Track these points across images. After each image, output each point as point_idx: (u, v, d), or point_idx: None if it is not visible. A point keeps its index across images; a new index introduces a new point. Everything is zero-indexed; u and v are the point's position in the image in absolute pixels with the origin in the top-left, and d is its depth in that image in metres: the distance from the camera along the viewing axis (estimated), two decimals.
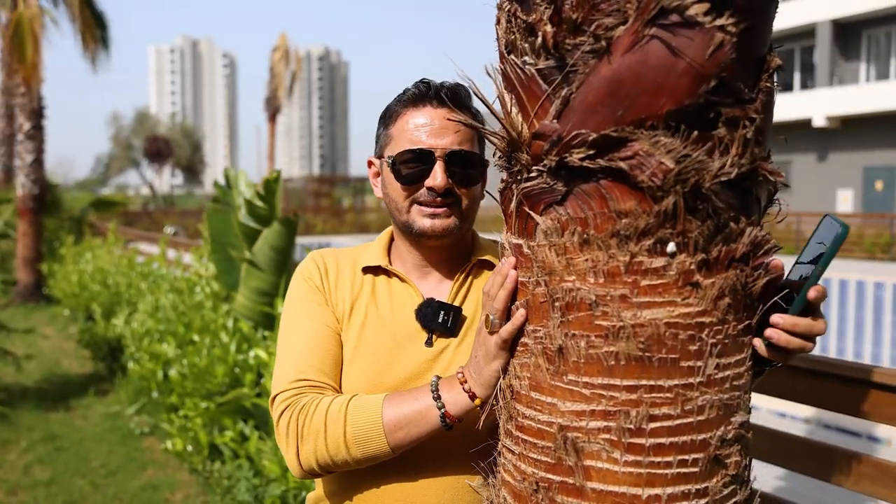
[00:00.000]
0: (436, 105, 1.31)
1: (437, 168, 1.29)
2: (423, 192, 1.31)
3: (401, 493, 1.27)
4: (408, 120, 1.32)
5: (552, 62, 0.97)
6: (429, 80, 1.35)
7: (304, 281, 1.38)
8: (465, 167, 1.30)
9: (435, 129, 1.30)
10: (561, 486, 1.00)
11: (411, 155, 1.30)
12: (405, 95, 1.35)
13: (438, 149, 1.29)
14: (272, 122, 31.27)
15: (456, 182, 1.30)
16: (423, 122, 1.31)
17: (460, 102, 1.32)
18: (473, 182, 1.32)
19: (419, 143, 1.30)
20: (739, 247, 0.96)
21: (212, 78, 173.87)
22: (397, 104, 1.35)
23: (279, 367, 1.31)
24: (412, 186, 1.31)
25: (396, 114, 1.34)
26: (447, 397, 1.16)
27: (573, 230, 0.97)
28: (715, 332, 0.96)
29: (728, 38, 0.89)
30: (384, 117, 1.37)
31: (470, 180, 1.32)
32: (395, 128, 1.34)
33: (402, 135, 1.32)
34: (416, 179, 1.30)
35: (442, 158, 1.29)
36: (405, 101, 1.34)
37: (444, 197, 1.30)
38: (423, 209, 1.31)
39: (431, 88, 1.32)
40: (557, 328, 0.99)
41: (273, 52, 31.32)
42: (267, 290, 3.96)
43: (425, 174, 1.30)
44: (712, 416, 0.97)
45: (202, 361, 4.60)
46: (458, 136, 1.30)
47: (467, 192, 1.32)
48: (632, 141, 0.92)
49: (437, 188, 1.28)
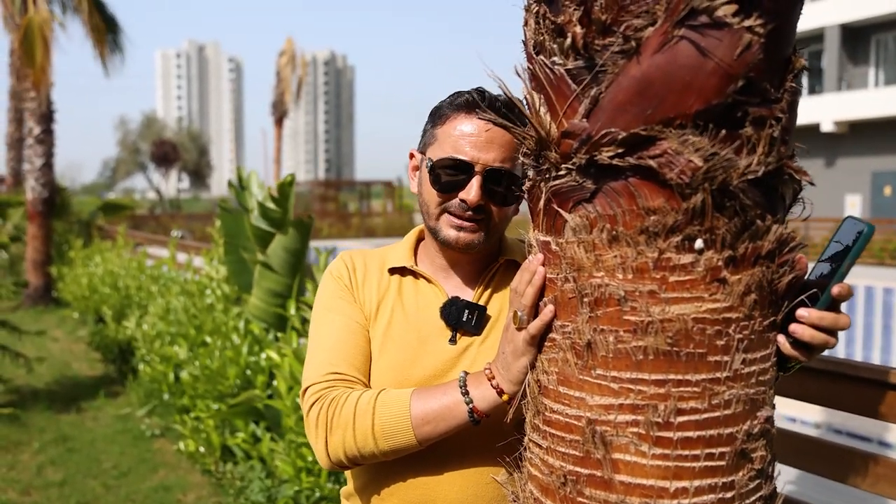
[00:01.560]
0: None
1: (474, 182, 1.29)
2: (456, 202, 1.31)
3: (427, 488, 1.29)
4: (456, 125, 1.32)
5: (581, 62, 0.99)
6: (484, 89, 1.34)
7: (334, 280, 1.41)
8: (502, 186, 1.29)
9: (480, 142, 1.29)
10: (589, 479, 1.02)
11: (451, 163, 1.30)
12: (459, 99, 1.34)
13: (479, 163, 1.29)
14: (279, 126, 31.40)
15: (490, 199, 1.30)
16: (470, 131, 1.30)
17: (514, 117, 1.28)
18: (508, 202, 1.32)
19: (461, 153, 1.30)
20: (765, 244, 0.98)
21: (218, 82, 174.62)
22: (449, 106, 1.35)
23: (310, 360, 1.33)
24: (446, 195, 1.32)
25: (446, 116, 1.34)
26: (475, 393, 1.18)
27: (602, 227, 0.99)
28: (741, 328, 0.98)
29: (756, 38, 0.91)
30: (434, 114, 1.37)
31: (505, 200, 1.31)
32: (441, 129, 1.34)
33: (448, 139, 1.32)
34: (451, 188, 1.31)
35: (481, 174, 1.29)
36: (458, 104, 1.33)
37: (474, 212, 1.30)
38: (451, 219, 1.32)
39: (486, 99, 1.31)
40: (586, 323, 1.01)
41: (279, 57, 31.46)
42: (280, 291, 3.99)
43: (461, 185, 1.30)
44: (739, 411, 0.99)
45: (214, 363, 4.63)
46: (502, 152, 1.29)
47: (499, 211, 1.32)
48: (660, 139, 0.94)
49: (469, 202, 1.29)
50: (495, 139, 1.29)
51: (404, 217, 31.46)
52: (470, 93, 1.34)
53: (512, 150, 1.30)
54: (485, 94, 1.32)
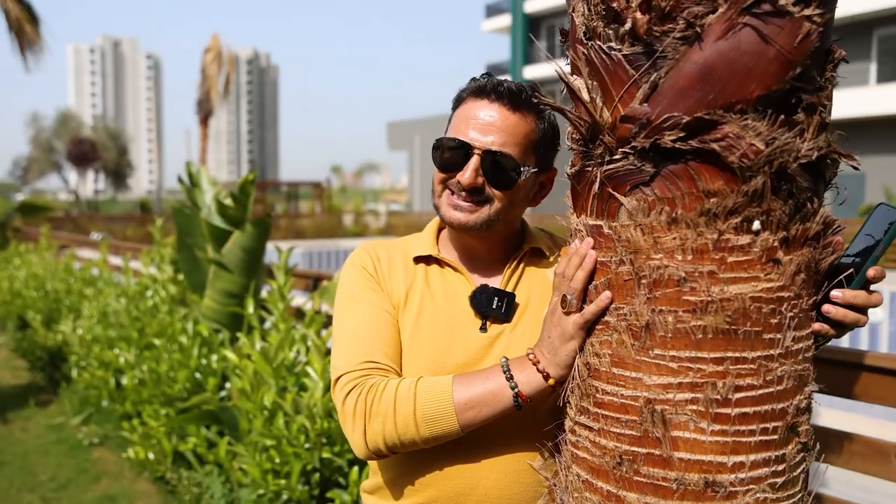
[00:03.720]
0: (492, 100, 1.31)
1: (470, 163, 1.30)
2: (455, 181, 1.32)
3: (464, 477, 1.29)
4: (465, 108, 1.34)
5: (639, 48, 1.01)
6: (491, 73, 1.36)
7: (358, 269, 1.39)
8: (500, 169, 1.30)
9: (482, 125, 1.31)
10: (647, 458, 1.04)
11: (451, 144, 1.32)
12: (471, 84, 1.37)
13: (478, 145, 1.30)
14: (204, 126, 30.53)
15: (489, 182, 1.31)
16: (475, 114, 1.32)
17: (519, 103, 1.31)
18: (508, 185, 1.31)
19: (462, 135, 1.32)
20: (813, 226, 1.02)
21: (135, 79, 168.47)
22: (464, 90, 1.37)
23: (340, 349, 1.31)
24: (446, 173, 1.34)
25: (461, 100, 1.37)
26: (520, 377, 1.18)
27: (661, 209, 1.01)
28: (792, 306, 1.02)
29: (814, 27, 0.95)
30: (454, 100, 1.39)
31: (501, 183, 1.31)
32: (456, 112, 1.37)
33: (456, 121, 1.35)
34: (451, 168, 1.32)
35: (478, 154, 1.30)
36: (470, 89, 1.36)
37: (470, 193, 1.31)
38: (450, 198, 1.34)
39: (490, 83, 1.33)
40: (644, 304, 1.03)
41: (205, 54, 30.60)
42: (236, 292, 3.88)
43: (460, 165, 1.31)
44: (789, 387, 1.03)
45: (162, 367, 4.47)
46: (503, 136, 1.30)
47: (501, 195, 1.32)
48: (722, 124, 0.97)
49: (463, 183, 1.30)
50: (497, 123, 1.30)
51: (333, 218, 31.14)
52: (482, 76, 1.37)
53: (516, 136, 1.31)
54: (491, 78, 1.35)
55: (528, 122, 1.32)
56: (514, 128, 1.31)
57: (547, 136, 1.35)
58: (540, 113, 1.33)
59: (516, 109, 1.31)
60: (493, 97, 1.31)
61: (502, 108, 1.31)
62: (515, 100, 1.31)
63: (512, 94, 1.31)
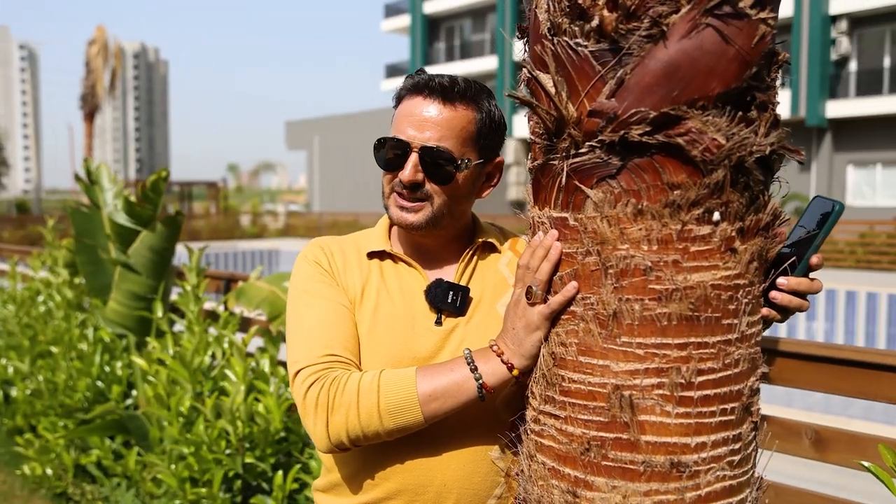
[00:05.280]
0: (426, 95, 1.31)
1: (409, 161, 1.30)
2: (397, 181, 1.32)
3: (423, 468, 1.28)
4: (403, 106, 1.34)
5: (605, 45, 1.04)
6: (423, 69, 1.37)
7: (311, 264, 1.36)
8: (436, 164, 1.30)
9: (417, 121, 1.31)
10: (615, 443, 1.07)
11: (391, 143, 1.32)
12: (406, 81, 1.36)
13: (415, 142, 1.30)
14: (89, 122, 28.84)
15: (429, 178, 1.31)
16: (411, 111, 1.32)
17: (453, 97, 1.31)
18: (444, 180, 1.31)
19: (401, 133, 1.31)
20: (764, 216, 1.09)
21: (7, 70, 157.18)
22: (402, 87, 1.36)
23: (299, 343, 1.28)
24: (390, 173, 1.34)
25: (400, 98, 1.36)
26: (484, 368, 1.19)
27: (626, 202, 1.05)
28: (747, 293, 1.08)
29: (769, 30, 1.01)
30: (395, 97, 1.38)
31: (440, 178, 1.31)
32: (397, 111, 1.36)
33: (396, 120, 1.35)
34: (393, 167, 1.33)
35: (415, 151, 1.30)
36: (407, 86, 1.35)
37: (411, 191, 1.31)
38: (397, 199, 1.33)
39: (422, 79, 1.33)
40: (611, 294, 1.06)
41: (89, 46, 28.94)
42: (144, 294, 3.70)
43: (401, 164, 1.31)
44: (744, 369, 1.09)
45: (59, 376, 4.20)
46: (439, 131, 1.30)
47: (440, 190, 1.32)
48: (686, 119, 1.01)
49: (403, 180, 1.30)
50: (431, 118, 1.31)
51: (230, 219, 30.19)
52: (416, 73, 1.37)
53: (451, 130, 1.31)
54: (425, 74, 1.35)
55: (463, 114, 1.31)
56: (450, 122, 1.31)
57: (486, 127, 1.35)
58: (477, 104, 1.33)
59: (450, 102, 1.31)
60: (426, 93, 1.31)
61: (436, 103, 1.31)
62: (448, 94, 1.31)
63: (444, 89, 1.31)
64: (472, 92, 1.34)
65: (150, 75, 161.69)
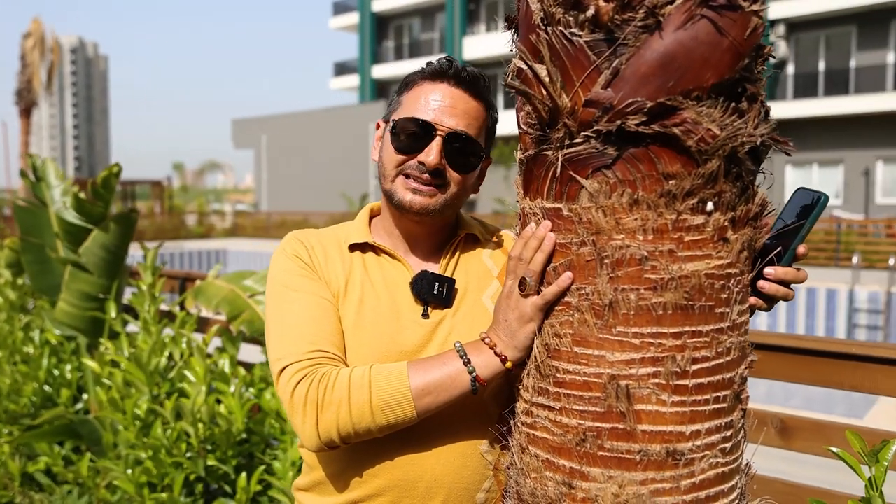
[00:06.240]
0: (453, 84, 1.31)
1: (434, 144, 1.29)
2: (414, 164, 1.30)
3: (412, 464, 1.26)
4: (422, 91, 1.32)
5: (600, 35, 1.04)
6: (452, 58, 1.35)
7: (291, 258, 1.33)
8: (463, 152, 1.31)
9: (444, 107, 1.30)
10: (611, 433, 1.07)
11: (414, 124, 1.29)
12: (427, 68, 1.34)
13: (442, 126, 1.29)
14: (25, 118, 27.78)
15: (450, 164, 1.31)
16: (436, 97, 1.31)
17: (479, 90, 1.32)
18: (467, 169, 1.32)
19: (425, 116, 1.30)
20: (754, 207, 1.10)
21: None
22: (416, 74, 1.35)
23: (282, 340, 1.24)
24: (405, 156, 1.31)
25: (413, 83, 1.34)
26: (477, 361, 1.18)
27: (622, 192, 1.05)
28: (738, 282, 1.09)
29: (760, 22, 1.02)
30: (401, 85, 1.36)
31: (464, 166, 1.32)
32: (407, 95, 1.34)
33: (412, 104, 1.32)
34: (410, 150, 1.30)
35: (442, 136, 1.29)
36: (425, 73, 1.34)
37: (432, 175, 1.30)
38: (408, 182, 1.31)
39: (452, 67, 1.32)
40: (607, 284, 1.06)
41: (24, 39, 27.89)
42: (96, 294, 3.57)
43: (421, 147, 1.29)
44: (735, 357, 1.10)
45: (3, 381, 4.02)
46: (466, 120, 1.31)
47: (458, 179, 1.32)
48: (681, 109, 1.02)
49: (428, 165, 1.28)
50: (459, 106, 1.31)
51: (175, 219, 29.50)
52: (438, 61, 1.35)
53: (475, 120, 1.32)
54: (452, 63, 1.34)
55: (482, 109, 1.33)
56: (475, 113, 1.32)
57: (492, 126, 1.37)
58: (489, 102, 1.35)
59: (477, 96, 1.32)
60: (453, 81, 1.31)
61: (464, 93, 1.31)
62: (475, 86, 1.32)
63: (474, 80, 1.32)
64: (488, 90, 1.36)
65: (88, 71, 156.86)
